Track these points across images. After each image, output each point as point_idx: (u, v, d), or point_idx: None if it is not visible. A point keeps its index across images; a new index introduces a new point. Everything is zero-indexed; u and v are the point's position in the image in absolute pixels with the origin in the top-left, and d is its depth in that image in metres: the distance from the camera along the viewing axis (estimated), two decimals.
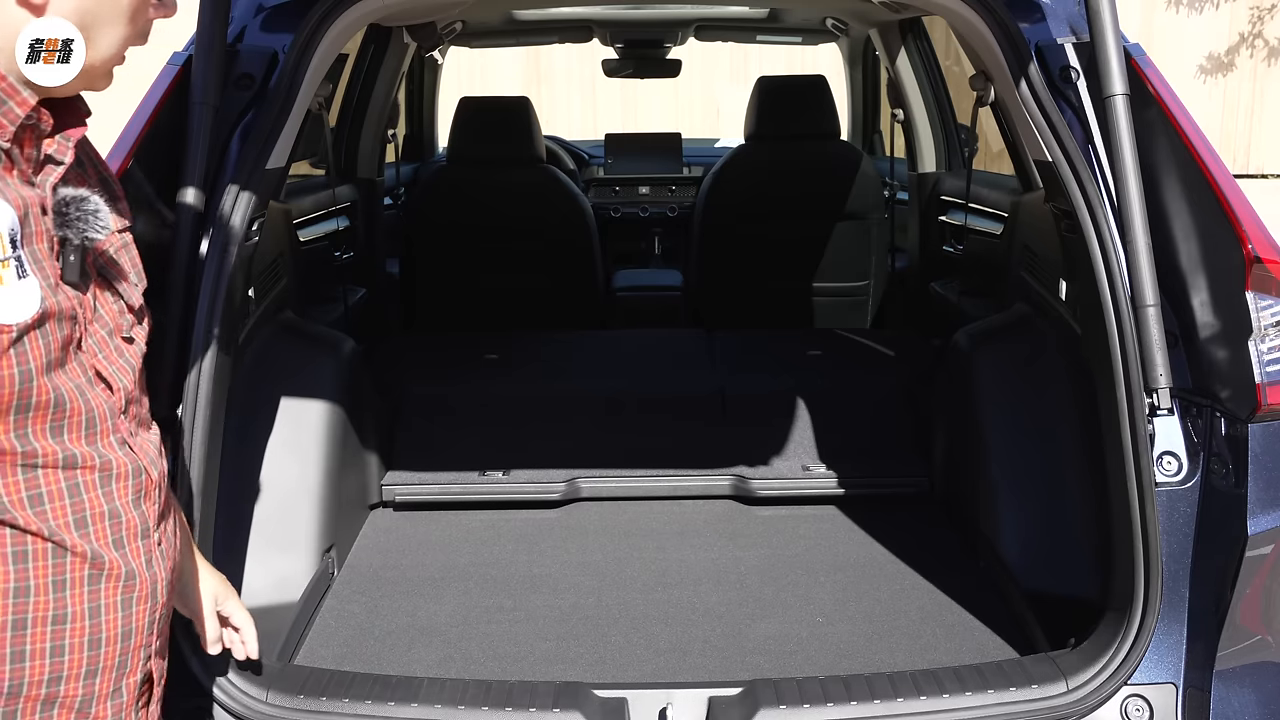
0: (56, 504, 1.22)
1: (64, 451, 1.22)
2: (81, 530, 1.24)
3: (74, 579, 1.24)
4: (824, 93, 4.54)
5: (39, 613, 1.22)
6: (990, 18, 2.30)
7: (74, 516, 1.24)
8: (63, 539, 1.22)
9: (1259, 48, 13.51)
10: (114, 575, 1.28)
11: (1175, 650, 2.04)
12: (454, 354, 3.90)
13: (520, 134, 4.46)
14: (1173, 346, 2.05)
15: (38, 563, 1.22)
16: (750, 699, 2.01)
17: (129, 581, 1.30)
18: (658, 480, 3.23)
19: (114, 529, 1.28)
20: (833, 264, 4.66)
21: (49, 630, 1.23)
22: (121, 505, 1.29)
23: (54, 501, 1.22)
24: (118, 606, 1.29)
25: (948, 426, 3.14)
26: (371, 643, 2.46)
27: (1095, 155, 2.19)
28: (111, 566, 1.27)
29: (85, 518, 1.25)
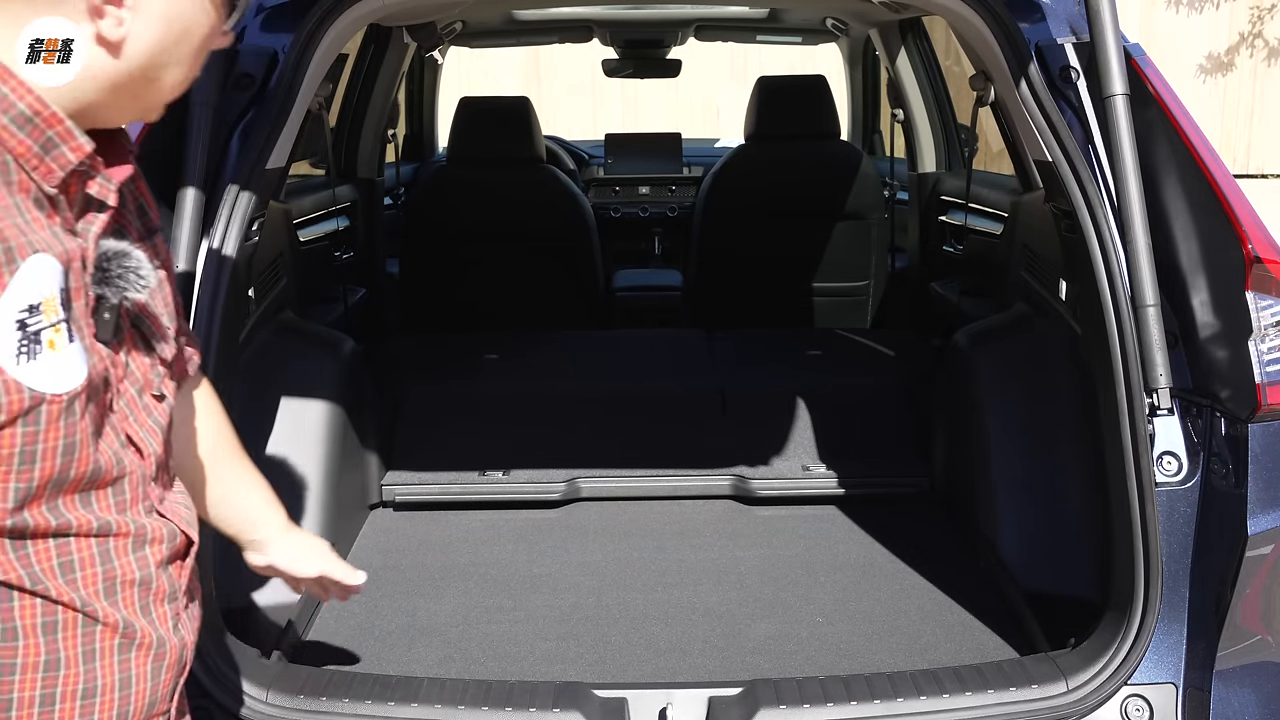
0: (88, 571, 1.15)
1: (97, 521, 1.15)
2: (111, 598, 1.18)
3: (104, 649, 1.18)
4: (824, 93, 4.54)
5: (68, 687, 1.16)
6: (990, 18, 2.30)
7: (104, 584, 1.17)
8: (94, 609, 1.16)
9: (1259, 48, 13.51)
10: (144, 645, 1.22)
11: (1175, 650, 2.04)
12: (454, 354, 3.90)
13: (520, 134, 4.46)
14: (1173, 346, 2.05)
15: (68, 633, 1.15)
16: (750, 699, 2.01)
17: (159, 650, 1.24)
18: (658, 480, 3.23)
19: (142, 595, 1.21)
20: (833, 264, 4.66)
21: (78, 705, 1.16)
22: (153, 571, 1.23)
23: (85, 569, 1.15)
24: (147, 676, 1.23)
25: (948, 426, 3.14)
26: (371, 643, 2.46)
27: (1095, 155, 2.19)
28: (142, 636, 1.21)
29: (115, 584, 1.18)
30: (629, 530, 3.05)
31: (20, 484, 1.05)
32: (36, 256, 1.03)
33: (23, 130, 1.05)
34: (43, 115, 1.06)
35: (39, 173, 1.07)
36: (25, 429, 1.03)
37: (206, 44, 1.17)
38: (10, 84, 1.05)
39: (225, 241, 2.14)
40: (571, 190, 4.60)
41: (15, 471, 1.05)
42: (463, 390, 3.58)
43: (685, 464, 3.26)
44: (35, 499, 1.08)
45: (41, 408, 1.04)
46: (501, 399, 3.53)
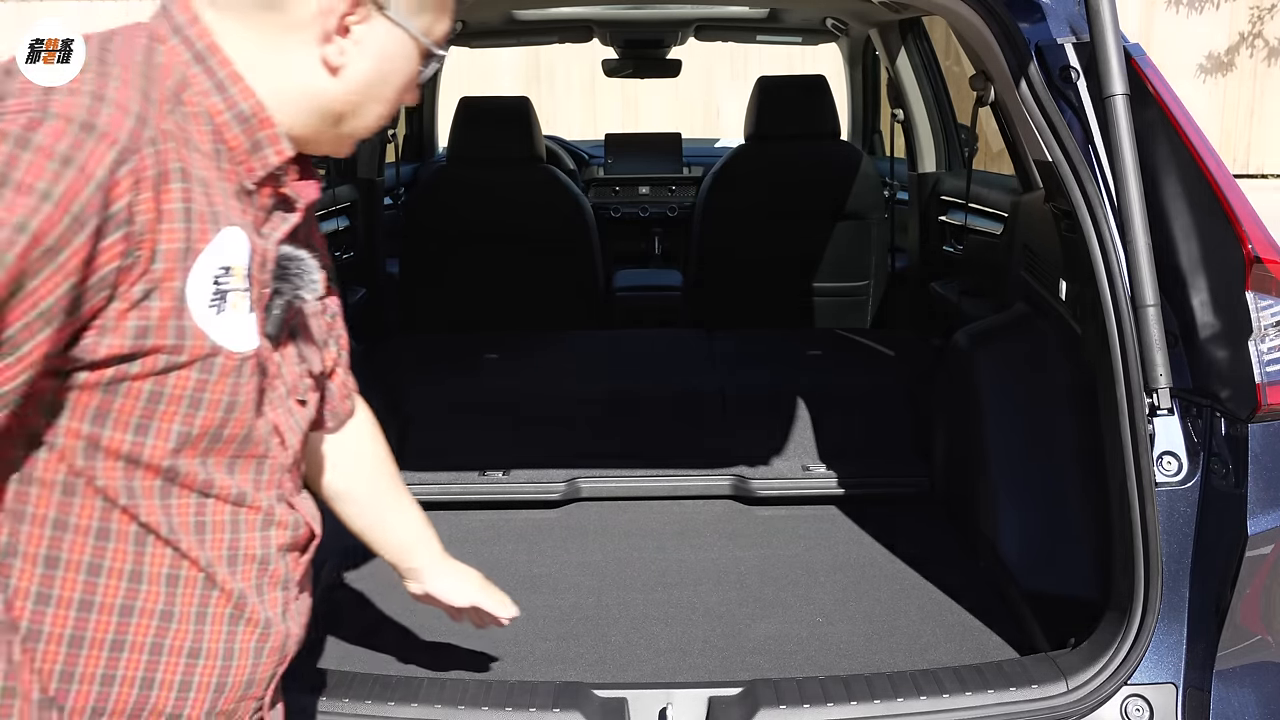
0: (217, 535, 1.22)
1: (236, 489, 1.23)
2: (231, 568, 1.24)
3: (215, 614, 1.23)
4: (824, 93, 4.54)
5: (178, 642, 1.20)
6: (990, 18, 2.30)
7: (228, 552, 1.24)
8: (215, 573, 1.22)
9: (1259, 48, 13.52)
10: (253, 621, 1.27)
11: (1175, 650, 2.04)
12: (454, 354, 3.90)
13: (520, 134, 4.46)
14: (1173, 346, 2.05)
15: (187, 590, 1.21)
16: (750, 699, 2.01)
17: (265, 630, 1.28)
18: (658, 480, 3.23)
19: (259, 573, 1.27)
20: (833, 264, 4.66)
21: (183, 662, 1.21)
22: (273, 553, 1.29)
23: (215, 533, 1.22)
24: (250, 653, 1.27)
25: (948, 426, 3.14)
26: (371, 643, 2.46)
27: (1095, 155, 2.19)
28: (252, 612, 1.26)
29: (238, 556, 1.25)
30: (629, 530, 3.05)
31: (183, 427, 1.14)
32: (235, 228, 1.16)
33: (239, 127, 1.18)
34: (259, 117, 1.19)
35: (244, 168, 1.20)
36: (199, 375, 1.13)
37: (404, 90, 1.30)
38: (239, 86, 1.18)
39: None
40: (571, 190, 4.60)
41: (182, 414, 1.14)
42: (463, 390, 3.58)
43: (685, 464, 3.26)
44: (192, 447, 1.16)
45: (217, 359, 1.14)
46: (501, 399, 3.53)
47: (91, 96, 1.03)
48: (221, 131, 1.17)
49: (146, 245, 1.06)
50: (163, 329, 1.09)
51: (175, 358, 1.11)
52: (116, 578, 1.16)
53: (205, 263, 1.12)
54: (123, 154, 1.03)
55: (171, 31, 1.18)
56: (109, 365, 1.08)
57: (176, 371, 1.12)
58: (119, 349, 1.08)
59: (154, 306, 1.08)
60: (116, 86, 1.06)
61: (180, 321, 1.10)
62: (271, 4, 1.18)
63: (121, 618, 1.16)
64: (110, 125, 1.03)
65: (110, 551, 1.15)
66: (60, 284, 1.01)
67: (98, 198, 1.01)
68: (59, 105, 1.01)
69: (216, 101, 1.17)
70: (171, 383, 1.12)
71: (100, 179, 1.01)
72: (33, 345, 1.01)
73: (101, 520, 1.14)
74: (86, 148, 1.01)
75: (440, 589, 1.94)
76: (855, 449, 3.32)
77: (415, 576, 1.92)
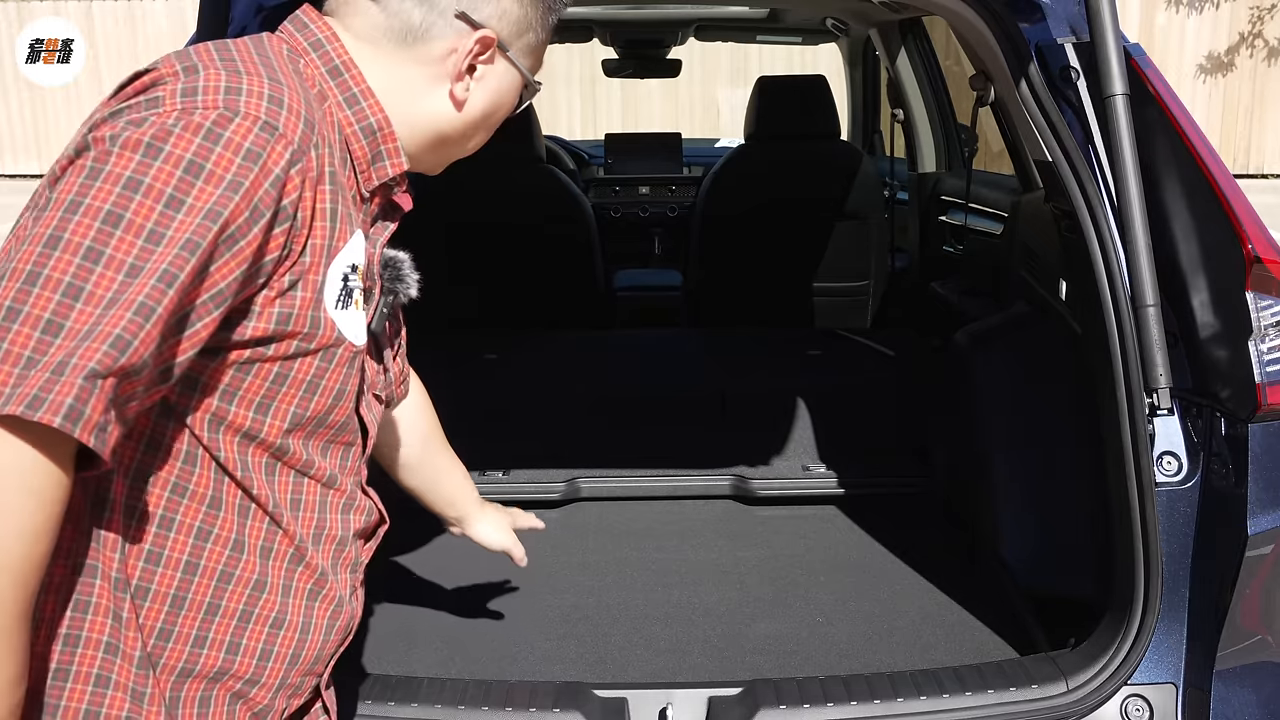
0: (308, 514, 1.30)
1: (329, 470, 1.31)
2: (316, 545, 1.32)
3: (299, 589, 1.30)
4: (824, 93, 4.54)
5: (265, 611, 1.27)
6: (990, 18, 2.30)
7: (315, 530, 1.31)
8: (305, 548, 1.30)
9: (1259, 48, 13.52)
10: (329, 597, 1.34)
11: (1175, 650, 2.04)
12: (454, 353, 3.90)
13: (520, 134, 4.46)
14: (1173, 346, 2.05)
15: (278, 563, 1.27)
16: (750, 699, 2.01)
17: (338, 608, 1.36)
18: (658, 480, 3.23)
19: (337, 553, 1.35)
20: (833, 264, 4.66)
21: (266, 632, 1.27)
22: (350, 535, 1.37)
23: (307, 511, 1.30)
24: (323, 629, 1.34)
25: (948, 426, 3.14)
26: (371, 643, 2.46)
27: (1095, 155, 2.19)
28: (330, 589, 1.34)
29: (322, 535, 1.32)
30: (629, 530, 3.05)
31: (299, 409, 1.23)
32: (359, 232, 1.25)
33: (366, 139, 1.29)
34: (383, 131, 1.30)
35: (363, 177, 1.30)
36: (320, 363, 1.22)
37: (500, 121, 1.45)
38: (369, 102, 1.29)
39: None
40: (571, 190, 4.60)
41: (299, 397, 1.22)
42: (463, 390, 3.57)
43: (685, 464, 3.26)
44: (301, 428, 1.24)
45: (338, 350, 1.24)
46: (501, 399, 3.53)
47: (270, 100, 1.12)
48: (349, 142, 1.27)
49: (300, 239, 1.15)
50: (302, 317, 1.17)
51: (306, 344, 1.19)
52: (222, 545, 1.22)
53: (341, 260, 1.21)
54: (295, 154, 1.12)
55: (310, 46, 1.28)
56: (249, 346, 1.16)
57: (303, 358, 1.20)
58: (262, 332, 1.15)
59: (297, 296, 1.16)
60: (289, 93, 1.15)
61: (316, 312, 1.19)
62: (407, 40, 1.29)
63: (220, 583, 1.22)
64: (287, 127, 1.11)
65: (220, 520, 1.21)
66: (235, 270, 1.08)
67: (274, 192, 1.09)
68: (246, 106, 1.10)
69: (348, 114, 1.28)
70: (296, 367, 1.20)
71: (278, 175, 1.10)
72: (202, 325, 1.07)
73: (215, 489, 1.20)
74: (269, 146, 1.09)
75: (479, 534, 2.12)
76: (855, 449, 3.32)
77: (457, 524, 2.11)
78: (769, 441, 3.37)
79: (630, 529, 3.05)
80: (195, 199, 1.04)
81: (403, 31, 1.29)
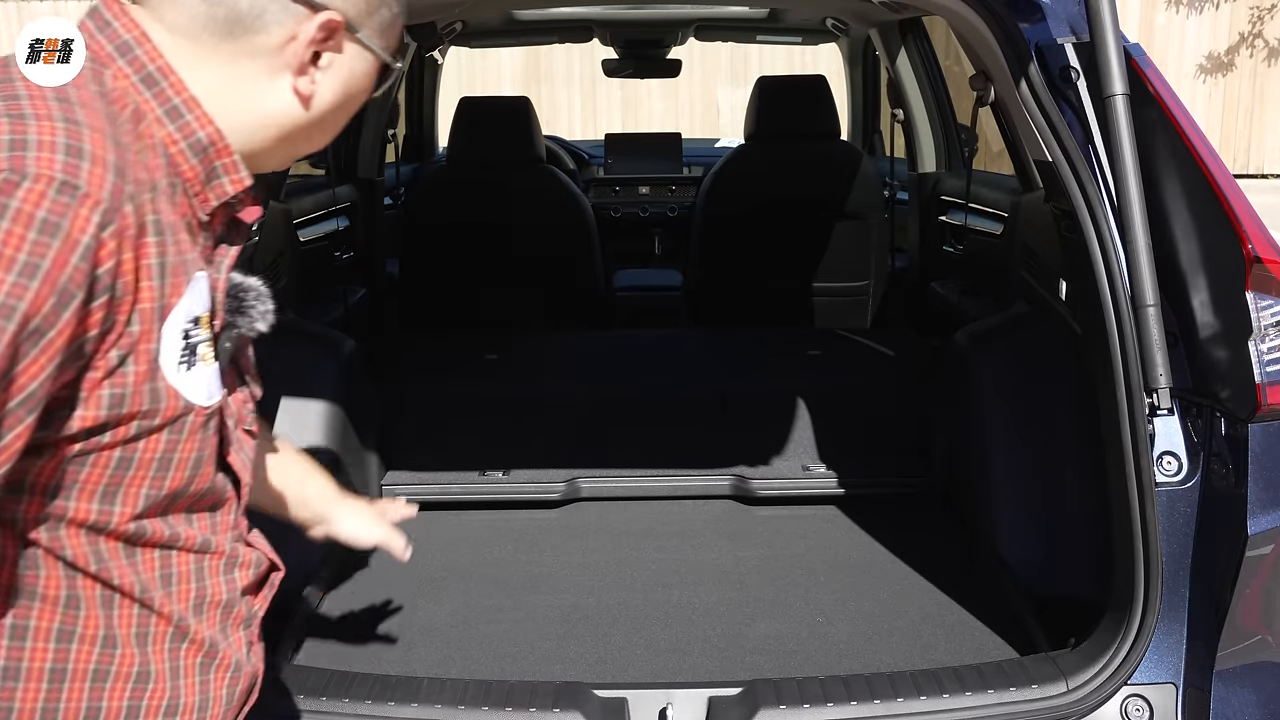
0: (184, 586, 1.17)
1: (200, 537, 1.17)
2: (199, 616, 1.19)
3: (188, 666, 1.18)
4: (824, 93, 4.54)
5: (154, 701, 1.15)
6: (990, 18, 2.30)
7: (195, 601, 1.18)
8: (186, 624, 1.17)
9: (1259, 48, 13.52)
10: (224, 665, 1.22)
11: (1175, 650, 2.04)
12: (454, 354, 3.90)
13: (520, 134, 4.46)
14: (1173, 346, 2.05)
15: (158, 646, 1.15)
16: (750, 699, 2.01)
17: (236, 673, 1.24)
18: (658, 480, 3.23)
19: (224, 616, 1.23)
20: (833, 264, 4.66)
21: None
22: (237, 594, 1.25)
23: (182, 584, 1.17)
24: (223, 700, 1.23)
25: (948, 426, 3.14)
26: (371, 643, 2.46)
27: (1095, 155, 2.19)
28: (223, 656, 1.22)
29: (204, 603, 1.20)
30: (629, 530, 3.05)
31: (152, 490, 1.08)
32: (200, 274, 1.08)
33: (196, 157, 1.10)
34: (216, 146, 1.11)
35: (198, 199, 1.11)
36: (170, 436, 1.07)
37: (355, 110, 1.25)
38: (195, 113, 1.10)
39: None
40: (571, 190, 4.60)
41: (151, 478, 1.07)
42: (463, 390, 3.58)
43: (685, 464, 3.26)
44: (158, 506, 1.10)
45: (189, 417, 1.08)
46: (502, 399, 3.53)
47: (67, 150, 0.93)
48: (176, 163, 1.09)
49: (124, 308, 0.99)
50: (138, 395, 1.02)
51: (150, 422, 1.04)
52: (89, 644, 1.10)
53: (177, 317, 1.05)
54: (106, 214, 0.94)
55: (116, 51, 1.07)
56: (79, 439, 1.00)
57: (148, 436, 1.05)
58: (93, 421, 1.00)
59: (129, 371, 1.00)
60: (89, 135, 0.96)
61: (154, 384, 1.03)
62: (235, 32, 1.10)
63: (95, 684, 1.11)
64: (91, 182, 0.93)
65: (81, 618, 1.09)
66: (46, 366, 0.92)
67: (84, 266, 0.93)
68: (36, 164, 0.91)
69: (171, 131, 1.08)
70: (141, 448, 1.05)
71: (87, 245, 0.92)
72: (14, 435, 0.93)
73: (69, 588, 1.07)
74: (70, 211, 0.91)
75: (344, 532, 1.86)
76: (855, 449, 3.32)
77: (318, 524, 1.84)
78: (769, 441, 3.37)
79: (630, 529, 3.05)
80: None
81: (229, 22, 1.09)
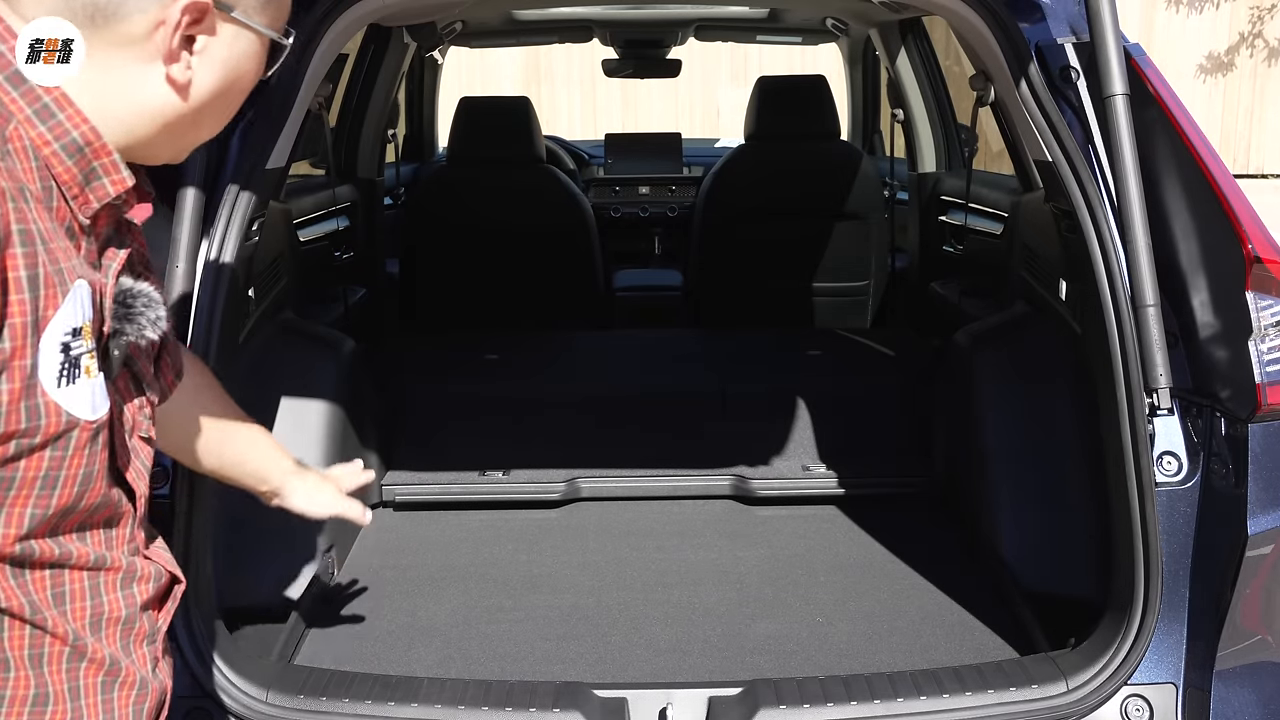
0: (78, 604, 1.13)
1: (93, 554, 1.14)
2: (96, 634, 1.15)
3: (89, 686, 1.14)
4: (824, 93, 4.54)
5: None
6: (990, 18, 2.30)
7: (91, 619, 1.14)
8: (83, 643, 1.13)
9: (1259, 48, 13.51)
10: (128, 683, 1.18)
11: (1175, 650, 2.04)
12: (454, 354, 3.90)
13: (520, 134, 4.46)
14: (1173, 346, 2.05)
15: (54, 666, 1.11)
16: (750, 699, 2.01)
17: (141, 690, 1.20)
18: (658, 480, 3.23)
19: (124, 634, 1.19)
20: (833, 264, 4.66)
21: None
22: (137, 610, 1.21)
23: (76, 602, 1.13)
24: (130, 717, 1.19)
25: (948, 426, 3.14)
26: (371, 643, 2.46)
27: (1095, 155, 2.19)
28: (126, 674, 1.18)
29: (101, 621, 1.16)
30: (629, 530, 3.05)
31: (37, 510, 1.04)
32: (80, 282, 1.03)
33: (71, 158, 1.05)
34: (93, 146, 1.06)
35: (77, 202, 1.06)
36: (54, 453, 1.03)
37: (245, 93, 1.20)
38: (67, 111, 1.05)
39: (225, 241, 2.14)
40: (571, 190, 4.60)
41: (35, 496, 1.03)
42: (463, 390, 3.58)
43: (685, 464, 3.26)
44: (44, 526, 1.06)
45: (73, 433, 1.03)
46: (502, 399, 3.53)
47: None
48: (50, 165, 1.04)
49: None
50: (14, 413, 0.98)
51: (30, 440, 1.00)
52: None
53: (54, 331, 1.00)
54: None
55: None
56: None
57: (29, 456, 1.01)
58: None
59: (1, 389, 0.97)
60: None
61: (31, 401, 0.99)
62: (96, 21, 1.05)
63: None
64: None
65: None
66: None
67: None
68: None
69: (42, 131, 1.04)
70: (22, 467, 1.01)
71: None
72: None
73: None
74: None
75: (300, 505, 1.86)
76: (855, 449, 3.32)
77: (273, 497, 1.85)
78: (769, 441, 3.37)
79: (630, 529, 3.05)
80: None
81: (88, 11, 1.04)
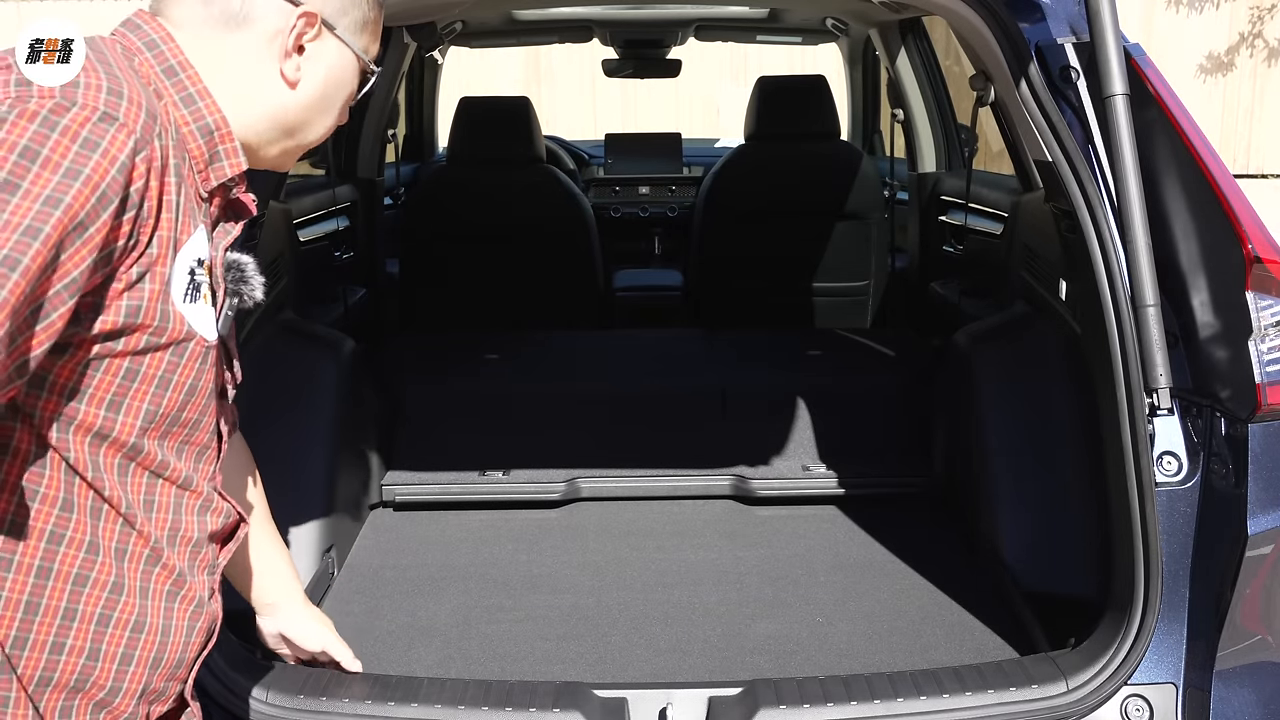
0: (163, 515, 1.28)
1: (184, 471, 1.30)
2: (172, 546, 1.30)
3: (157, 590, 1.29)
4: (824, 93, 4.54)
5: (124, 615, 1.25)
6: (990, 18, 2.30)
7: (170, 531, 1.29)
8: (161, 549, 1.28)
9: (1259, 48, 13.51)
10: (189, 598, 1.33)
11: (1175, 650, 2.04)
12: (454, 353, 3.89)
13: (520, 134, 4.46)
14: (1173, 346, 2.05)
15: (134, 564, 1.26)
16: (750, 699, 2.01)
17: (198, 608, 1.34)
18: (658, 480, 3.23)
19: (192, 555, 1.33)
20: (833, 264, 4.66)
21: (126, 635, 1.25)
22: (206, 537, 1.36)
23: (161, 512, 1.28)
24: (184, 630, 1.32)
25: (948, 426, 3.14)
26: (371, 643, 2.46)
27: (1095, 155, 2.19)
28: (189, 589, 1.33)
29: (177, 536, 1.31)
30: (629, 530, 3.05)
31: (152, 406, 1.21)
32: (202, 229, 1.25)
33: (203, 139, 1.28)
34: (220, 131, 1.29)
35: (202, 177, 1.29)
36: (171, 357, 1.21)
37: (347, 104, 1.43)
38: (206, 101, 1.28)
39: None
40: (571, 190, 4.60)
41: (152, 393, 1.21)
42: (463, 390, 3.58)
43: (685, 464, 3.26)
44: (156, 427, 1.23)
45: (190, 344, 1.23)
46: (501, 399, 3.53)
47: (109, 91, 1.11)
48: (186, 141, 1.26)
49: (147, 229, 1.14)
50: (151, 310, 1.17)
51: (156, 339, 1.19)
52: (75, 548, 1.20)
53: (186, 253, 1.20)
54: (139, 143, 1.11)
55: (145, 46, 1.27)
56: (98, 341, 1.14)
57: (154, 352, 1.19)
58: (111, 325, 1.14)
59: (145, 288, 1.15)
60: (127, 85, 1.14)
61: (165, 305, 1.18)
62: (230, 25, 1.30)
63: (75, 587, 1.20)
64: (128, 117, 1.11)
65: (72, 522, 1.19)
66: (87, 257, 1.06)
67: (120, 179, 1.08)
68: (84, 96, 1.09)
69: (185, 114, 1.26)
70: (147, 362, 1.19)
71: (123, 162, 1.09)
72: (58, 315, 1.05)
73: (66, 492, 1.18)
74: (108, 134, 1.08)
75: (295, 631, 1.98)
76: (855, 449, 3.32)
77: (273, 613, 1.95)
78: (769, 441, 3.37)
79: (630, 529, 3.05)
80: (31, 184, 1.02)
81: (224, 17, 1.30)
